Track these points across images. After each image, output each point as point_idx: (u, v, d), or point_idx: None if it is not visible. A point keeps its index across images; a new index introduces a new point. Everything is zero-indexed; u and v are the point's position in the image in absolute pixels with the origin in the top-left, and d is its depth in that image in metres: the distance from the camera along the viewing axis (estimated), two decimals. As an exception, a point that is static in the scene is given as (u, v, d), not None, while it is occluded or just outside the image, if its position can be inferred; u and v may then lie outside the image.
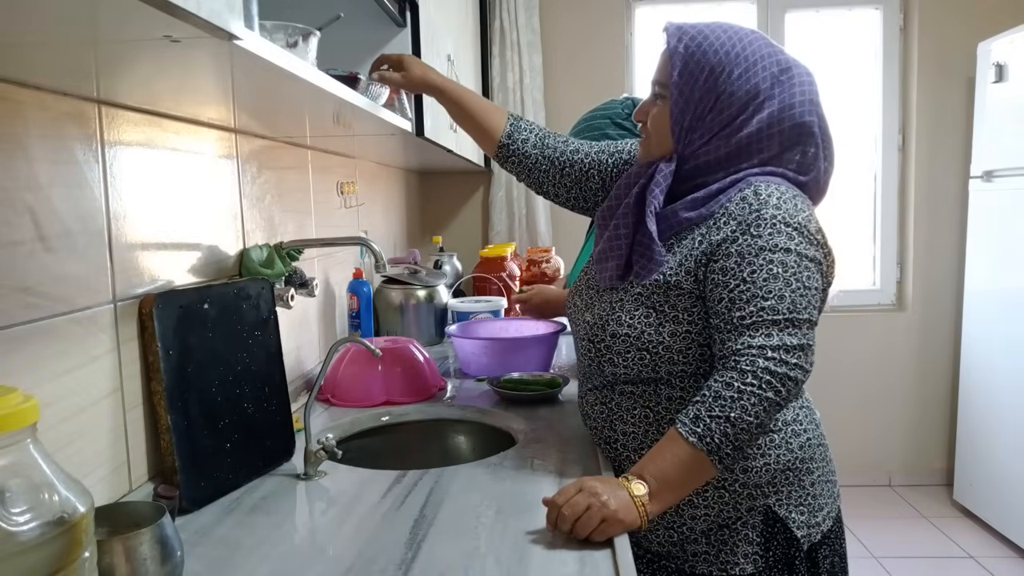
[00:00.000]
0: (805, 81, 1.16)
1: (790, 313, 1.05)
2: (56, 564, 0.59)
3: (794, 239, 1.07)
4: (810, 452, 1.18)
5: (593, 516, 0.96)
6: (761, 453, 1.13)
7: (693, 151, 1.16)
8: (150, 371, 1.13)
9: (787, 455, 1.15)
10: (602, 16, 3.38)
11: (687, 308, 1.13)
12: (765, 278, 1.06)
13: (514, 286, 2.64)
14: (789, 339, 1.04)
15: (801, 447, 1.16)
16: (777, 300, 1.05)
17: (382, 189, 2.71)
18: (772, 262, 1.06)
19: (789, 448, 1.15)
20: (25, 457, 0.60)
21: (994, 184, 3.06)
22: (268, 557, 0.97)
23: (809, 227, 1.10)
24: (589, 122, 1.85)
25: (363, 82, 1.32)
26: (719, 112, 1.14)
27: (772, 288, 1.05)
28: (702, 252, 1.11)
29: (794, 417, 1.18)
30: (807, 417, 1.20)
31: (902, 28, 3.40)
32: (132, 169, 1.13)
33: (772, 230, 1.07)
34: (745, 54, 1.14)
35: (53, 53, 0.78)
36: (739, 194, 1.12)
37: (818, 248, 1.10)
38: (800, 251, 1.07)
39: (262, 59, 0.80)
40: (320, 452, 1.23)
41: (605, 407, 1.23)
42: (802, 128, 1.15)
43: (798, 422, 1.18)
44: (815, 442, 1.19)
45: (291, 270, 1.57)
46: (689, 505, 1.15)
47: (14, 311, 0.89)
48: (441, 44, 2.09)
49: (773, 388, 1.02)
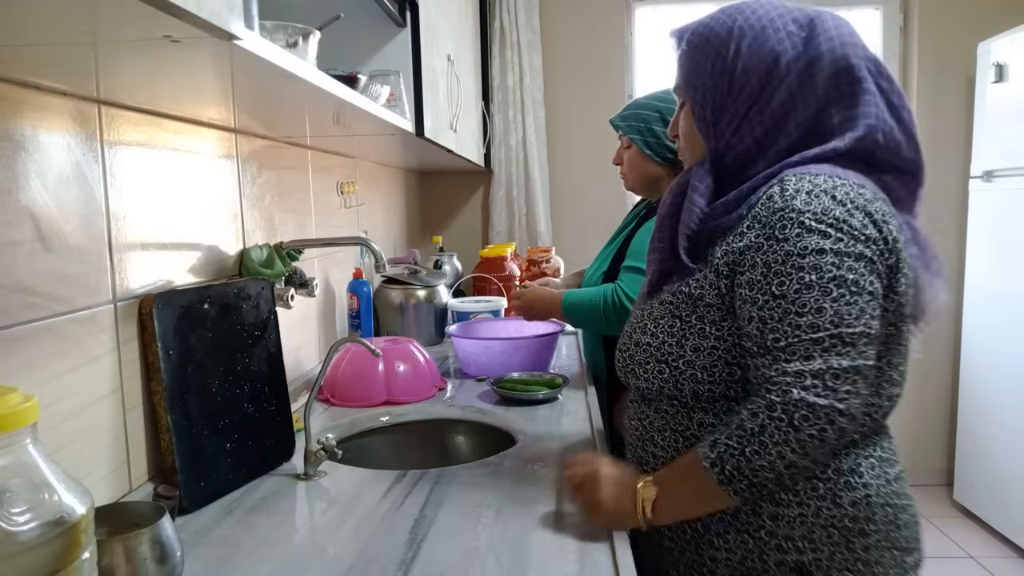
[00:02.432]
0: (834, 26, 0.99)
1: (835, 328, 0.88)
2: (56, 564, 0.59)
3: (829, 237, 0.90)
4: (869, 511, 0.96)
5: (584, 496, 1.03)
6: (798, 501, 0.96)
7: (726, 142, 1.03)
8: (150, 371, 1.13)
9: (832, 509, 0.95)
10: (602, 16, 3.38)
11: (715, 322, 0.99)
12: (797, 289, 0.90)
13: (515, 285, 2.64)
14: (837, 360, 0.87)
15: (855, 504, 0.95)
16: (815, 314, 0.89)
17: (382, 189, 2.70)
18: (803, 268, 0.90)
19: (837, 502, 0.95)
20: (25, 457, 0.60)
21: (994, 184, 3.06)
22: (268, 557, 0.97)
23: (852, 221, 0.91)
24: (637, 110, 1.74)
25: (363, 82, 1.32)
26: (739, 91, 1.00)
27: (807, 300, 0.89)
28: (725, 263, 0.97)
29: (853, 466, 0.97)
30: (875, 469, 0.98)
31: (902, 28, 3.40)
32: (132, 169, 1.13)
33: (801, 230, 0.91)
34: (751, 23, 1.00)
35: (53, 53, 0.78)
36: (767, 191, 0.96)
37: (869, 243, 0.92)
38: (839, 249, 0.90)
39: (262, 59, 0.80)
40: (320, 452, 1.23)
41: (640, 423, 1.12)
42: (842, 74, 0.97)
43: (857, 473, 0.96)
44: (880, 501, 0.97)
45: (291, 270, 1.57)
46: (709, 546, 1.02)
47: (14, 311, 0.89)
48: (441, 44, 2.09)
49: (811, 423, 0.87)
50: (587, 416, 1.54)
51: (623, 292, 1.61)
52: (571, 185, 3.40)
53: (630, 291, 1.60)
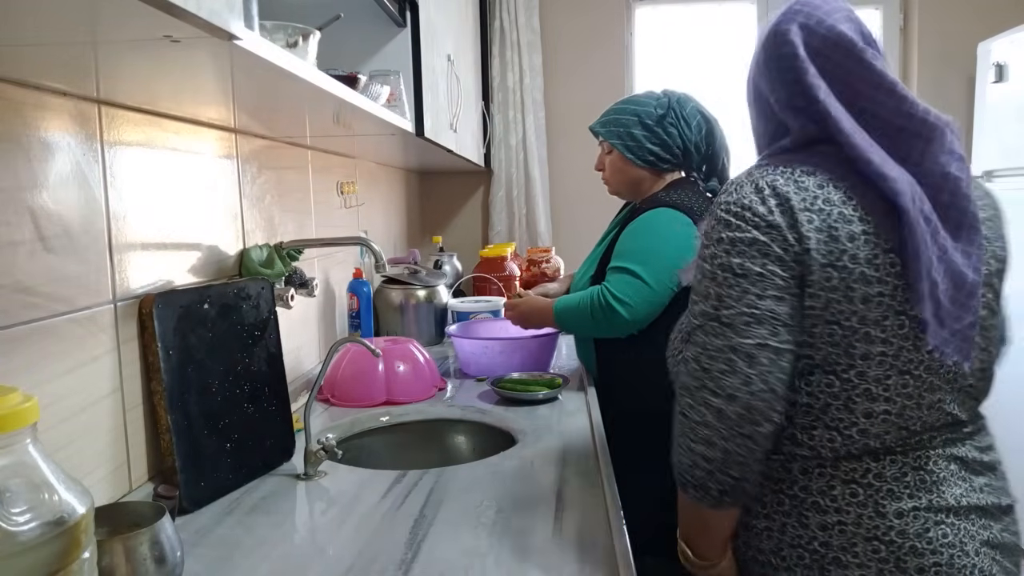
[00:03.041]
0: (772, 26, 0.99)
1: (715, 311, 0.90)
2: (56, 564, 0.59)
3: (729, 225, 0.92)
4: (843, 540, 0.91)
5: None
6: (765, 513, 0.96)
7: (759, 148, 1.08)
8: (150, 371, 1.13)
9: (799, 529, 0.93)
10: (602, 16, 3.38)
11: None
12: (699, 279, 0.94)
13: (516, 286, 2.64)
14: (712, 341, 0.89)
15: (824, 528, 0.92)
16: (703, 300, 0.92)
17: (382, 189, 2.70)
18: (704, 258, 0.94)
19: (803, 522, 0.93)
20: (25, 457, 0.60)
21: (994, 184, 3.05)
22: (268, 557, 0.97)
23: (757, 208, 0.91)
24: (615, 116, 1.76)
25: (363, 82, 1.32)
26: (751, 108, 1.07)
27: (700, 289, 0.93)
28: None
29: (825, 488, 0.93)
30: (858, 496, 0.92)
31: (902, 28, 3.40)
32: (132, 169, 1.13)
33: (713, 221, 0.95)
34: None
35: (53, 53, 0.78)
36: None
37: (768, 229, 0.90)
38: (733, 237, 0.91)
39: (262, 59, 0.80)
40: (320, 452, 1.23)
41: None
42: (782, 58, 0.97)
43: (829, 496, 0.92)
44: (865, 534, 0.91)
45: (291, 270, 1.57)
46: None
47: (14, 311, 0.89)
48: (441, 44, 2.09)
49: (693, 408, 0.89)
50: (587, 416, 1.54)
51: (609, 292, 1.61)
52: (571, 185, 3.39)
53: (616, 291, 1.60)
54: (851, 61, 0.93)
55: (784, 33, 0.96)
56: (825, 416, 0.92)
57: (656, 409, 1.68)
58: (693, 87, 1.86)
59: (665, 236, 1.64)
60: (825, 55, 0.94)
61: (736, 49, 3.39)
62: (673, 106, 1.71)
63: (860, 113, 0.93)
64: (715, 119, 1.76)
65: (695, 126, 1.71)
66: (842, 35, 0.93)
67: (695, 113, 1.72)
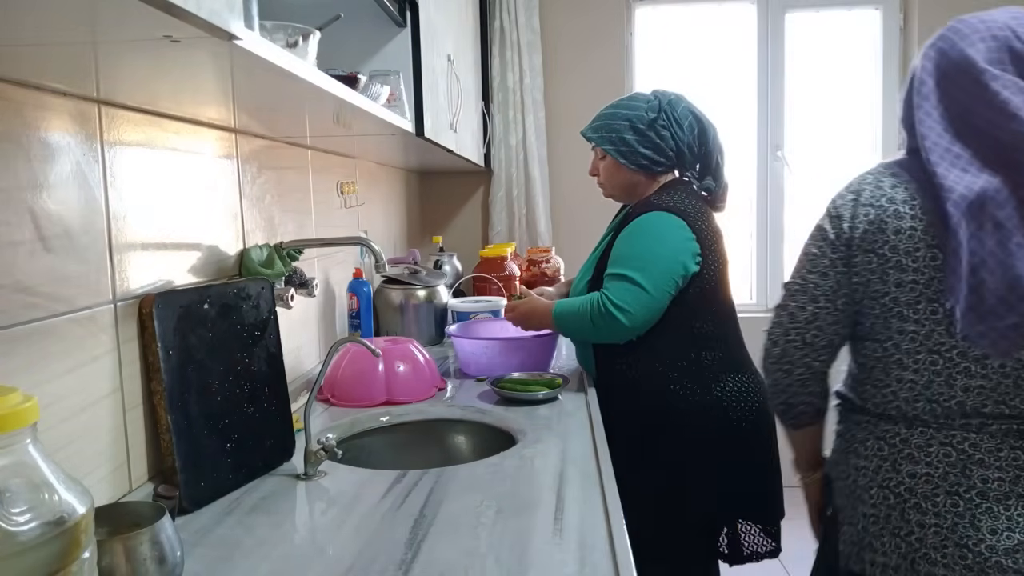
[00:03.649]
0: None
1: (790, 279, 1.25)
2: (56, 564, 0.59)
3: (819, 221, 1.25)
4: (867, 485, 1.18)
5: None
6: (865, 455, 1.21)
7: None
8: (150, 371, 1.13)
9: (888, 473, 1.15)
10: (602, 16, 3.38)
11: None
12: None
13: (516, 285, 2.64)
14: (781, 300, 1.24)
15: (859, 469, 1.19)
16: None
17: (382, 189, 2.71)
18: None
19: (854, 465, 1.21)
20: (25, 457, 0.60)
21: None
22: (268, 557, 0.97)
23: (829, 207, 1.22)
24: (606, 121, 1.75)
25: (363, 82, 1.32)
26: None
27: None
28: None
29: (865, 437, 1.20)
30: (877, 452, 1.16)
31: (902, 28, 3.40)
32: (132, 169, 1.13)
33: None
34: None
35: (53, 53, 0.78)
36: None
37: (834, 220, 1.20)
38: (813, 231, 1.24)
39: (262, 59, 0.80)
40: (320, 452, 1.23)
41: None
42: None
43: (865, 446, 1.19)
44: (875, 481, 1.16)
45: (291, 270, 1.57)
46: None
47: (14, 311, 0.89)
48: (441, 44, 2.09)
49: (765, 348, 1.24)
50: (587, 416, 1.54)
51: (609, 300, 1.61)
52: (571, 185, 3.39)
53: (616, 298, 1.61)
54: (969, 81, 1.07)
55: (922, 57, 1.16)
56: (871, 376, 1.16)
57: (655, 410, 1.70)
58: (693, 87, 1.86)
59: (660, 239, 1.64)
60: (951, 78, 1.10)
61: (736, 49, 3.40)
62: (664, 108, 1.71)
63: (972, 128, 1.07)
64: (707, 118, 1.76)
65: (687, 127, 1.71)
66: (966, 59, 1.08)
67: (687, 114, 1.72)
